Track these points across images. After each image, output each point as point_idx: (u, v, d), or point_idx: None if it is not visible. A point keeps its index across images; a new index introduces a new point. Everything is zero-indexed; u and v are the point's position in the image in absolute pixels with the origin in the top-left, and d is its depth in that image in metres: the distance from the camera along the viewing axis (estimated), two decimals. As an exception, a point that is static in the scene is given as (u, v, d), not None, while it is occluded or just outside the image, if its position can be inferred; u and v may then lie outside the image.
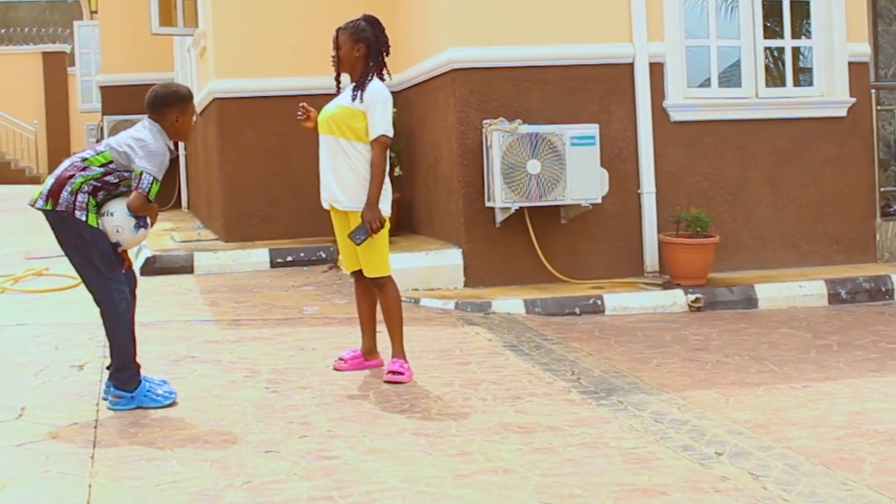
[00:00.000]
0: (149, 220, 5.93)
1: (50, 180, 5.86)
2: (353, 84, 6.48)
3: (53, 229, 5.89)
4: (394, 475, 4.74)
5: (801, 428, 5.48)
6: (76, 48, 22.87)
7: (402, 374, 6.44)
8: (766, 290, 9.18)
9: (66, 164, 5.90)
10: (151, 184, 5.73)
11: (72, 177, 5.79)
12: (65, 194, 5.77)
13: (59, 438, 5.35)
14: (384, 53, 6.52)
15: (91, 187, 5.79)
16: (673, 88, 9.85)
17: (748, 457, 4.97)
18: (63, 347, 7.47)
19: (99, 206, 5.82)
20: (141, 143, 5.81)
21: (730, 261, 9.85)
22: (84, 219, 5.77)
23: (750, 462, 4.89)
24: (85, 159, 5.84)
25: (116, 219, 5.80)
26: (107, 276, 5.86)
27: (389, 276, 6.57)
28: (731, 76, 10.33)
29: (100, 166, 5.79)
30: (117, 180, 5.81)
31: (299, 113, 6.68)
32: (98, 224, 5.80)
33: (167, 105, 5.93)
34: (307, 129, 6.75)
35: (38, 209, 5.86)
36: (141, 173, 5.73)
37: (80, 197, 5.77)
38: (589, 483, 4.62)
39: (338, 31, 6.53)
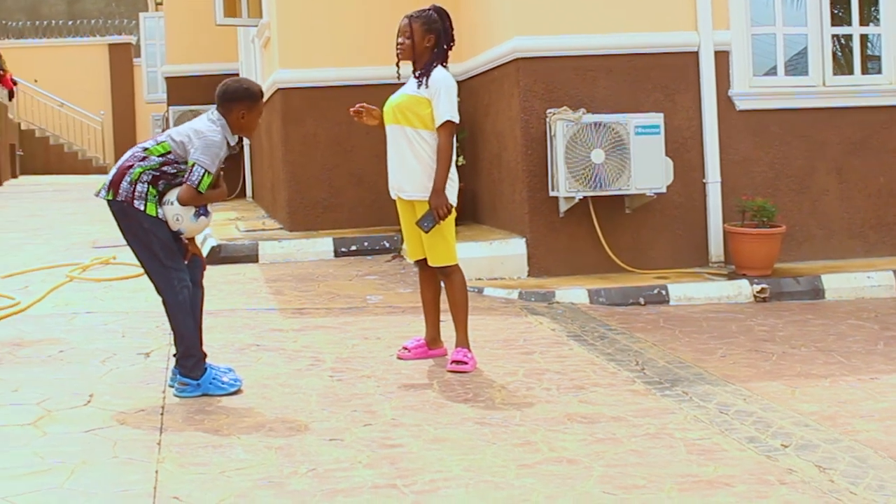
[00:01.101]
0: (210, 209, 5.96)
1: (113, 171, 5.94)
2: (418, 72, 6.49)
3: (116, 219, 5.95)
4: (457, 464, 4.75)
5: (869, 420, 5.42)
6: (142, 39, 23.09)
7: (465, 363, 6.44)
8: (833, 280, 9.08)
9: (127, 154, 5.96)
10: (202, 176, 5.76)
11: (131, 167, 5.84)
12: (124, 184, 5.83)
13: (126, 425, 5.41)
14: (450, 46, 6.53)
15: (150, 177, 5.83)
16: (739, 77, 9.76)
17: (815, 449, 4.92)
18: (130, 335, 7.55)
19: (160, 195, 5.88)
20: (199, 134, 5.84)
21: (796, 251, 9.75)
22: (143, 208, 5.81)
23: (816, 454, 4.84)
24: (146, 149, 5.89)
25: (176, 207, 5.84)
26: (167, 265, 5.91)
27: (456, 265, 6.57)
28: (797, 64, 10.20)
29: (159, 156, 5.84)
30: (175, 171, 5.85)
31: (357, 107, 6.69)
32: (158, 213, 5.84)
33: (236, 100, 5.96)
34: (370, 125, 6.77)
35: (103, 199, 5.93)
36: (193, 165, 5.77)
37: (139, 187, 5.82)
38: (653, 474, 4.60)
39: (409, 19, 6.51)
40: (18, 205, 18.36)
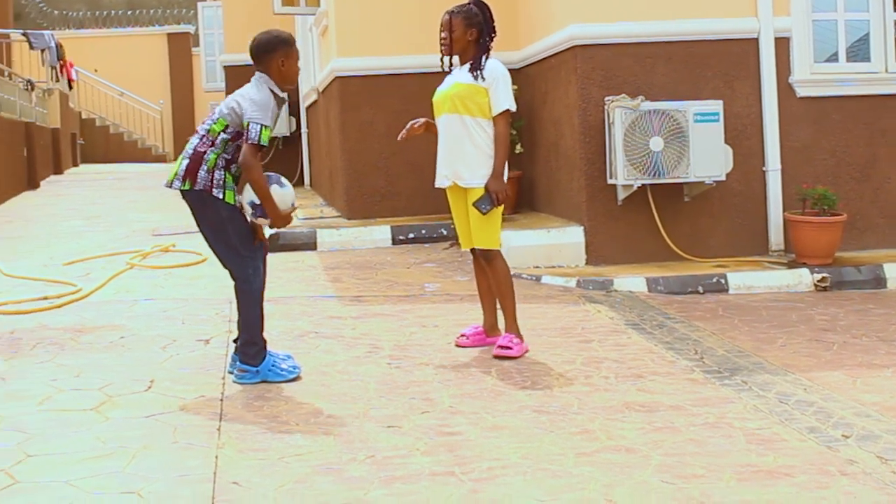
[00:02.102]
0: (283, 179, 5.96)
1: (184, 160, 5.92)
2: (469, 64, 6.52)
3: (192, 208, 5.96)
4: (515, 452, 4.75)
5: (932, 410, 5.36)
6: (200, 29, 23.20)
7: (510, 348, 6.45)
8: (895, 269, 8.96)
9: (193, 141, 5.96)
10: (260, 131, 5.74)
11: (204, 153, 5.86)
12: (202, 173, 5.85)
13: (186, 410, 5.46)
14: (492, 37, 6.60)
15: (224, 161, 5.86)
16: (799, 64, 9.66)
17: (876, 440, 4.87)
18: (189, 322, 7.62)
19: (235, 181, 5.91)
20: (244, 97, 5.85)
21: (857, 240, 9.66)
22: (221, 196, 5.85)
23: (878, 445, 4.79)
24: (208, 130, 5.90)
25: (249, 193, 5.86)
26: (243, 254, 5.94)
27: (499, 251, 6.60)
28: (858, 50, 10.08)
29: (221, 132, 5.86)
30: (240, 144, 5.85)
31: (406, 132, 6.76)
32: (235, 201, 5.88)
33: (272, 51, 5.95)
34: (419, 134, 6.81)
35: (177, 190, 5.95)
36: (248, 124, 5.76)
37: (216, 174, 5.85)
38: (712, 463, 4.57)
39: (449, 14, 6.58)
40: (79, 193, 18.55)
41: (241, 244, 5.93)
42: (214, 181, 5.84)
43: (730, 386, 5.82)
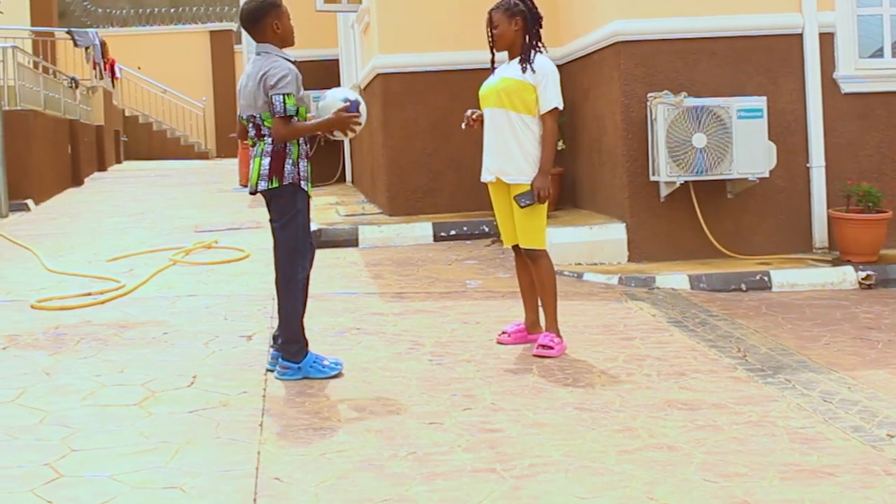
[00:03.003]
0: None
1: (263, 159, 5.87)
2: (518, 58, 6.50)
3: (273, 204, 5.98)
4: (557, 449, 4.74)
5: (979, 410, 5.31)
6: (243, 26, 23.30)
7: (551, 348, 6.43)
8: (941, 267, 8.89)
9: (267, 146, 5.90)
10: (284, 101, 5.77)
11: (285, 147, 5.88)
12: (288, 167, 5.88)
13: (229, 406, 5.48)
14: (539, 24, 6.57)
15: (304, 151, 5.95)
16: (844, 59, 9.58)
17: (922, 438, 4.83)
18: (232, 318, 7.65)
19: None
20: (257, 77, 5.85)
21: (903, 237, 9.57)
22: (306, 188, 5.94)
23: (924, 444, 4.75)
24: (264, 122, 5.89)
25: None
26: (300, 248, 5.98)
27: (544, 251, 6.58)
28: (904, 46, 10.00)
29: (272, 119, 5.86)
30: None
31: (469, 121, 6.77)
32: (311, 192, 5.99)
33: (263, 17, 5.96)
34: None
35: (263, 192, 5.93)
36: (272, 98, 5.80)
37: (301, 165, 5.93)
38: (754, 462, 4.54)
39: (491, 11, 6.59)
40: (123, 189, 18.67)
41: (303, 237, 5.98)
42: (301, 173, 5.91)
43: (773, 384, 5.78)
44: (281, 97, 5.76)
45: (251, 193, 6.04)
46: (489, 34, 6.57)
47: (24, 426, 5.19)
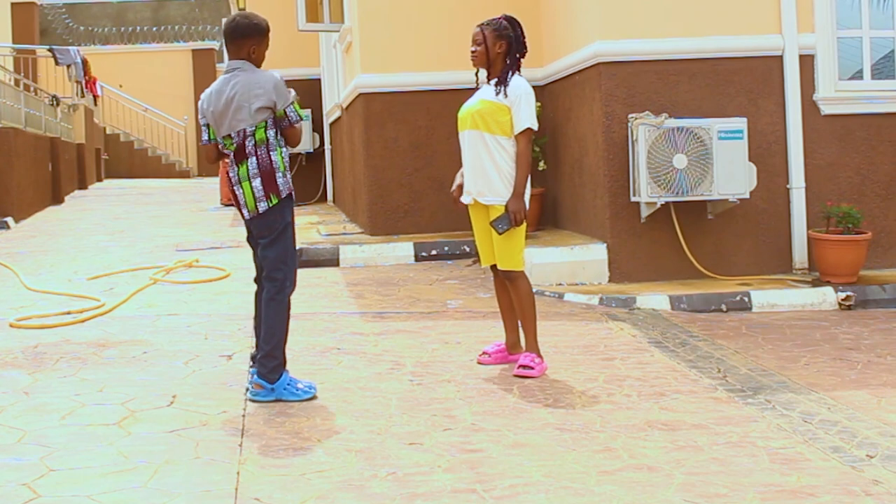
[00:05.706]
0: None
1: (254, 181, 5.86)
2: (495, 80, 6.53)
3: (263, 221, 5.94)
4: (537, 470, 4.73)
5: (958, 431, 5.32)
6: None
7: (532, 368, 6.43)
8: (920, 288, 8.93)
9: (246, 166, 5.89)
10: (295, 109, 5.94)
11: (272, 162, 5.88)
12: (280, 179, 5.90)
13: (208, 426, 5.46)
14: (522, 53, 6.60)
15: (287, 161, 6.00)
16: (824, 81, 9.63)
17: (902, 459, 4.84)
18: (213, 337, 7.63)
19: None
20: (251, 92, 5.82)
21: (882, 258, 9.61)
22: (294, 197, 6.02)
23: (903, 465, 4.76)
24: (255, 143, 5.87)
25: None
26: (289, 263, 6.01)
27: (522, 272, 6.59)
28: (883, 68, 10.05)
29: (266, 131, 5.87)
30: (277, 129, 5.95)
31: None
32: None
33: (246, 36, 5.98)
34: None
35: (265, 211, 5.90)
36: (284, 112, 5.87)
37: (288, 175, 5.98)
38: (735, 483, 4.55)
39: (481, 27, 6.60)
40: (103, 207, 18.64)
41: (292, 251, 6.03)
42: (288, 183, 5.96)
43: (753, 405, 5.79)
44: (292, 107, 5.90)
45: (250, 220, 6.01)
46: (473, 49, 6.59)
47: (2, 445, 5.16)
